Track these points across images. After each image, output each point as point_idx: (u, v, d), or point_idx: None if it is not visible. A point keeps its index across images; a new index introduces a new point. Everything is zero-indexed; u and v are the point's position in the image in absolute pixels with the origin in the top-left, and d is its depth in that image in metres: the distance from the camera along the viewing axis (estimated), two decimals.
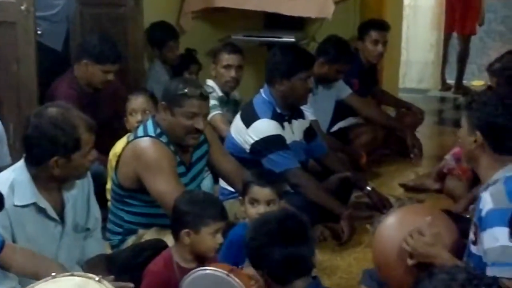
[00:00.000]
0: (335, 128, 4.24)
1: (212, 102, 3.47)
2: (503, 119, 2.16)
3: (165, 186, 2.63)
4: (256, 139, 3.16)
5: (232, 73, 3.82)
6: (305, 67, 3.24)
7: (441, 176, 3.77)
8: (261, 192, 2.58)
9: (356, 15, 4.83)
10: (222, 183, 3.20)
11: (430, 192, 3.79)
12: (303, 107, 3.45)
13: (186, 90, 2.70)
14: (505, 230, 2.02)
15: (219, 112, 3.70)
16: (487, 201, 2.09)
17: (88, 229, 2.49)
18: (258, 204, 2.56)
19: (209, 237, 2.31)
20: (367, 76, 4.41)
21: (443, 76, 6.36)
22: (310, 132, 3.46)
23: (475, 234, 2.14)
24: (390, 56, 4.71)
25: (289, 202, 2.80)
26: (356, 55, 4.30)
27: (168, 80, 3.59)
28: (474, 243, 2.14)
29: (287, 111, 3.29)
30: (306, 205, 3.02)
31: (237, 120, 3.29)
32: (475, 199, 2.28)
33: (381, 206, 3.38)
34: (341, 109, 4.20)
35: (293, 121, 3.34)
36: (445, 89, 6.31)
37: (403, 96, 5.33)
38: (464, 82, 6.31)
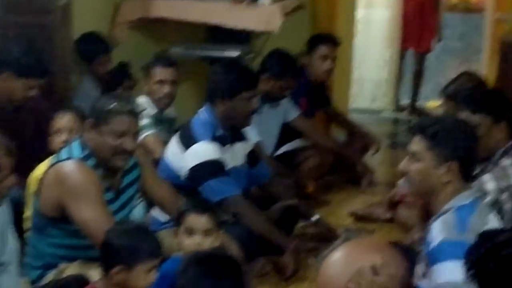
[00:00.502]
0: (280, 151, 4.23)
1: (145, 120, 3.43)
2: (475, 145, 2.23)
3: (91, 214, 2.57)
4: (194, 164, 3.13)
5: (166, 88, 3.78)
6: (248, 87, 3.23)
7: (393, 205, 3.79)
8: (198, 221, 2.55)
9: (306, 29, 4.88)
10: (155, 211, 3.15)
11: (381, 222, 3.81)
12: (246, 128, 3.43)
13: (113, 106, 2.66)
14: (457, 264, 2.01)
15: (152, 132, 3.66)
16: (437, 232, 2.11)
17: (2, 264, 2.41)
18: (194, 234, 2.54)
19: (143, 275, 2.26)
20: (316, 94, 4.43)
21: (397, 96, 6.44)
22: (253, 156, 3.45)
23: (425, 267, 2.14)
24: (341, 74, 4.76)
25: (228, 232, 2.78)
26: (304, 71, 4.32)
27: (97, 96, 3.52)
28: (424, 276, 2.15)
29: (229, 133, 3.27)
30: (247, 236, 3.00)
31: (174, 143, 3.25)
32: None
33: (328, 237, 3.38)
34: (288, 131, 4.21)
35: (235, 143, 3.32)
36: (399, 110, 6.39)
37: (354, 116, 5.37)
38: (419, 102, 6.41)
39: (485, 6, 5.44)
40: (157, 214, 3.13)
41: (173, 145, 3.24)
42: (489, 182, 2.64)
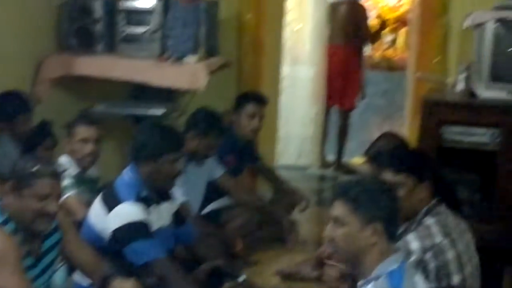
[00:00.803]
0: (207, 210, 4.23)
1: (66, 181, 3.39)
2: (397, 205, 2.31)
3: (6, 282, 2.50)
4: (117, 225, 3.09)
5: (90, 147, 3.75)
6: (172, 149, 3.23)
7: (320, 263, 3.81)
8: (122, 286, 2.51)
9: (232, 87, 4.94)
10: (77, 276, 3.09)
11: (308, 280, 3.82)
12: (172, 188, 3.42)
13: (35, 168, 2.63)
14: None
15: (74, 192, 3.61)
16: None
17: None
18: None
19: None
20: (244, 152, 4.47)
21: (322, 153, 6.54)
22: (179, 216, 3.44)
23: None
24: (266, 131, 4.81)
25: None
26: (231, 129, 4.36)
27: (17, 157, 3.46)
28: None
29: (154, 194, 3.26)
30: None
31: (97, 204, 3.21)
32: None
33: None
34: (214, 189, 4.21)
35: (161, 204, 3.31)
36: (325, 166, 6.50)
37: (280, 173, 5.41)
38: (345, 159, 6.53)
39: (406, 65, 5.62)
40: (79, 278, 3.07)
41: (96, 206, 3.21)
42: (413, 241, 2.69)
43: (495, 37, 4.28)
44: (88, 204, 3.36)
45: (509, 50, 4.30)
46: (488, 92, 4.32)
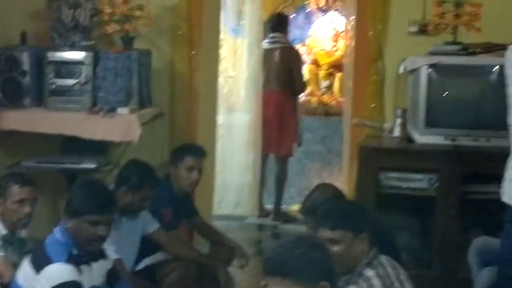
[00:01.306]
0: (141, 265, 4.17)
1: None
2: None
3: None
4: (48, 287, 3.02)
5: (26, 209, 3.66)
6: (96, 210, 3.12)
7: None
8: None
9: (166, 138, 4.93)
10: None
11: None
12: (105, 245, 3.37)
13: None
14: None
15: (2, 254, 3.52)
16: None
17: None
18: None
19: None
20: (181, 205, 4.43)
21: (261, 201, 6.55)
22: (113, 274, 3.38)
23: None
24: (203, 180, 4.81)
25: None
26: (167, 182, 4.34)
27: None
28: None
29: (85, 252, 3.20)
30: None
31: (25, 265, 3.13)
32: None
33: None
34: (148, 244, 4.17)
35: (93, 263, 3.25)
36: (263, 215, 6.49)
37: (218, 224, 5.40)
38: (283, 207, 6.55)
39: (343, 111, 5.70)
40: None
41: (25, 267, 3.12)
42: None
43: (429, 82, 4.41)
44: (16, 265, 3.28)
45: (444, 94, 4.43)
46: (424, 138, 4.43)
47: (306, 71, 7.91)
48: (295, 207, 6.63)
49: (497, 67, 4.24)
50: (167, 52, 4.97)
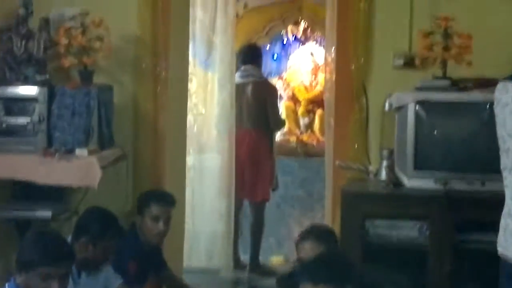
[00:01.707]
0: None
1: None
2: None
3: None
4: None
5: None
6: (48, 262, 3.08)
7: None
8: None
9: (129, 183, 4.91)
10: None
11: None
12: None
13: None
14: None
15: None
16: None
17: None
18: None
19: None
20: (148, 258, 4.42)
21: (236, 252, 6.51)
22: None
23: None
24: (172, 229, 4.79)
25: None
26: (133, 232, 4.34)
27: None
28: None
29: None
30: None
31: None
32: None
33: None
34: None
35: None
36: (239, 268, 6.44)
37: (189, 277, 5.36)
38: (261, 258, 6.51)
39: (324, 151, 5.70)
40: None
41: None
42: None
43: (417, 120, 4.40)
44: None
45: (434, 134, 4.44)
46: (413, 181, 4.42)
47: (283, 107, 7.95)
48: (274, 259, 6.62)
49: (490, 104, 4.27)
50: (130, 87, 4.97)
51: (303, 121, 7.97)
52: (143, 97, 4.97)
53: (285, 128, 7.71)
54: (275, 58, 8.48)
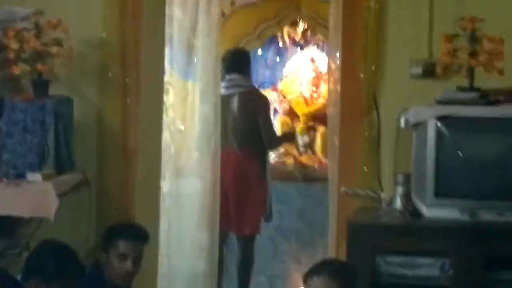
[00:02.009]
0: None
1: None
2: None
3: None
4: None
5: None
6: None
7: None
8: None
9: (93, 213, 4.89)
10: None
11: None
12: None
13: None
14: None
15: None
16: None
17: None
18: None
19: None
20: None
21: None
22: None
23: None
24: (144, 267, 4.76)
25: None
26: (97, 271, 4.33)
27: None
28: None
29: None
30: None
31: None
32: None
33: None
34: None
35: None
36: None
37: None
38: None
39: (328, 176, 5.69)
40: None
41: None
42: None
43: (439, 139, 4.44)
44: None
45: (459, 156, 4.44)
46: (434, 211, 4.43)
47: (278, 123, 7.94)
48: None
49: None
50: (94, 100, 4.97)
51: (302, 140, 7.98)
52: (110, 111, 4.96)
53: (281, 149, 7.69)
54: (268, 65, 8.47)
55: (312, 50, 8.38)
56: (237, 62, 6.69)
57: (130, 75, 4.98)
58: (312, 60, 8.33)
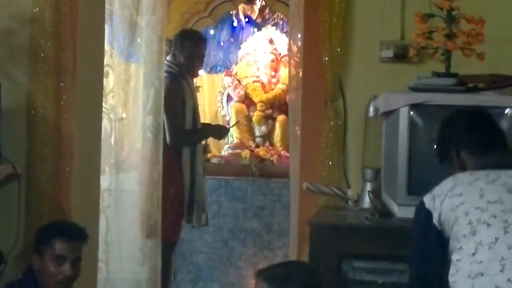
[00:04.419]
0: None
1: None
2: None
3: None
4: None
5: None
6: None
7: None
8: None
9: (21, 210, 4.84)
10: None
11: None
12: None
13: None
14: None
15: None
16: None
17: None
18: None
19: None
20: None
21: None
22: None
23: None
24: (83, 273, 4.76)
25: None
26: (30, 276, 4.34)
27: None
28: None
29: None
30: None
31: None
32: None
33: None
34: None
35: None
36: None
37: None
38: None
39: (290, 171, 5.69)
40: None
41: None
42: None
43: (412, 130, 4.45)
44: None
45: (434, 147, 4.45)
46: (406, 210, 4.38)
47: (232, 111, 7.95)
48: None
49: (509, 109, 4.33)
50: (24, 84, 4.90)
51: (259, 130, 7.99)
52: (42, 96, 4.89)
53: (234, 139, 7.70)
54: (222, 46, 8.48)
55: (270, 30, 8.39)
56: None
57: (64, 56, 4.92)
58: (271, 41, 8.35)
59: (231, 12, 8.44)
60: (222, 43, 8.46)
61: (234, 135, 7.76)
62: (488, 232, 3.12)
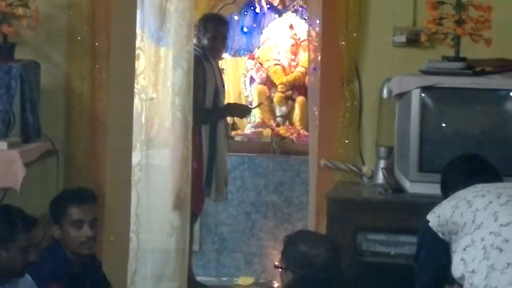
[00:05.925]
0: None
1: None
2: None
3: None
4: None
5: None
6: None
7: None
8: None
9: (60, 183, 4.89)
10: None
11: None
12: None
13: None
14: None
15: None
16: None
17: None
18: None
19: None
20: (81, 276, 4.39)
21: (190, 270, 6.51)
22: None
23: None
24: (116, 241, 4.79)
25: None
26: (57, 245, 4.32)
27: None
28: None
29: None
30: None
31: None
32: None
33: None
34: None
35: None
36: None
37: None
38: (225, 279, 6.64)
39: (307, 149, 5.70)
40: None
41: None
42: None
43: (423, 111, 4.46)
44: None
45: (443, 128, 4.47)
46: (417, 186, 4.48)
47: (254, 92, 7.95)
48: (242, 280, 6.65)
49: None
50: (61, 65, 4.97)
51: (280, 110, 7.95)
52: (78, 77, 4.96)
53: (257, 119, 7.72)
54: (245, 31, 8.46)
55: (290, 16, 8.37)
56: None
57: (99, 39, 4.98)
58: (291, 27, 8.30)
59: None
60: (245, 28, 8.43)
61: (256, 115, 7.73)
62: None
